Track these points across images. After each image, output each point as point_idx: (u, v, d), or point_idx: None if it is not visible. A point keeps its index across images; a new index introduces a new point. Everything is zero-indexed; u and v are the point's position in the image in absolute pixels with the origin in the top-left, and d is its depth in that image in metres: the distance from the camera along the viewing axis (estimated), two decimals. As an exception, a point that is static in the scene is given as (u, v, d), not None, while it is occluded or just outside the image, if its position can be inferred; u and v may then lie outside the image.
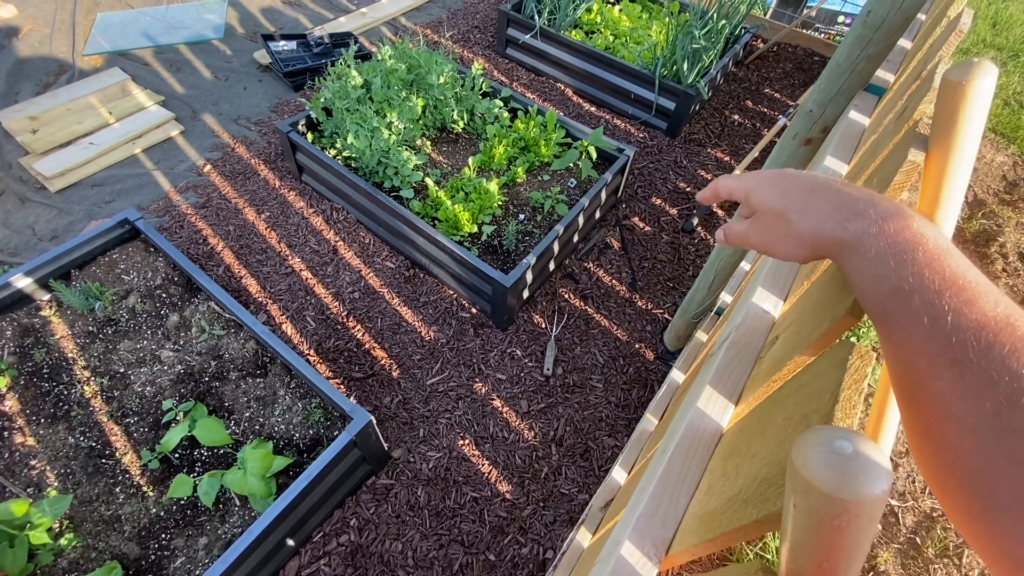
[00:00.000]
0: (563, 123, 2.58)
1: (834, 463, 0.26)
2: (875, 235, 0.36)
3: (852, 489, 0.26)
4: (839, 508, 0.26)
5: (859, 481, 0.26)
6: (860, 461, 0.26)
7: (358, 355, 2.09)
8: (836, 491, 0.26)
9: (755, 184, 0.48)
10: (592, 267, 2.45)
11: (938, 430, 0.30)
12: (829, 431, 0.28)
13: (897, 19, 1.06)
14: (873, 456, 0.26)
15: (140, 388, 1.74)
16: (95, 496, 1.53)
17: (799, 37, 3.65)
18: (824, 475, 0.26)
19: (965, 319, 0.30)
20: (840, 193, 0.41)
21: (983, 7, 4.67)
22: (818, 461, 0.27)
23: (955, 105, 0.55)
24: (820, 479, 0.26)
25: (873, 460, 0.26)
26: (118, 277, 2.00)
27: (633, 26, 3.31)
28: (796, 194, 0.43)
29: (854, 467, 0.26)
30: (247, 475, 1.45)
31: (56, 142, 2.68)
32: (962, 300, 0.30)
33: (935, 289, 0.31)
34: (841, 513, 0.26)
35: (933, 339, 0.30)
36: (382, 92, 2.41)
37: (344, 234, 2.46)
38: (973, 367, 0.28)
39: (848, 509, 0.26)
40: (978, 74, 0.53)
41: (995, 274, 2.65)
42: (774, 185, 0.46)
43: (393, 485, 1.79)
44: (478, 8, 3.91)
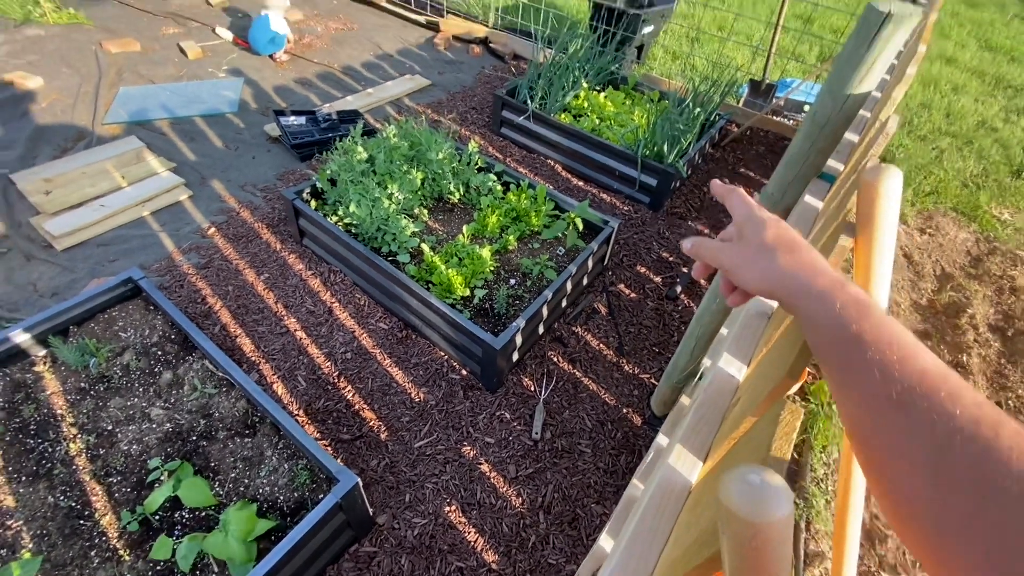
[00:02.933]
0: (552, 196, 2.75)
1: (746, 492, 0.33)
2: (839, 291, 0.42)
3: (760, 512, 0.32)
4: (752, 530, 0.32)
5: (765, 506, 0.32)
6: (766, 490, 0.33)
7: (347, 416, 2.10)
8: (749, 515, 0.32)
9: (761, 214, 0.54)
10: (580, 331, 2.53)
11: (891, 467, 0.34)
12: (744, 468, 0.34)
13: (840, 119, 1.22)
14: (776, 484, 0.33)
15: (126, 447, 1.73)
16: (69, 559, 1.49)
17: (770, 123, 3.98)
18: (739, 503, 0.33)
19: (910, 369, 0.35)
20: (816, 257, 0.48)
21: (937, 99, 5.13)
22: (735, 492, 0.33)
23: (871, 199, 0.66)
24: (736, 507, 0.33)
25: (776, 488, 0.32)
26: (116, 334, 2.04)
27: (617, 111, 3.60)
28: (787, 241, 0.49)
29: (761, 495, 0.32)
30: (228, 538, 1.42)
31: (68, 203, 2.80)
32: (907, 353, 0.36)
33: (886, 342, 0.37)
34: (755, 535, 0.33)
35: (884, 385, 0.35)
36: (385, 166, 2.59)
37: (340, 295, 2.53)
38: (918, 410, 0.33)
39: (760, 531, 0.32)
40: (886, 176, 0.64)
41: (967, 344, 2.75)
42: (775, 225, 0.52)
43: (376, 553, 1.75)
44: (475, 92, 4.24)
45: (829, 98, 1.20)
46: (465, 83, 4.35)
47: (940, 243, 3.44)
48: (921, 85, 5.31)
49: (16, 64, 3.83)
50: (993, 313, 2.99)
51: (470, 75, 4.48)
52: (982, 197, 3.81)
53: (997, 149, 4.43)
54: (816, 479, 2.07)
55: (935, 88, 5.31)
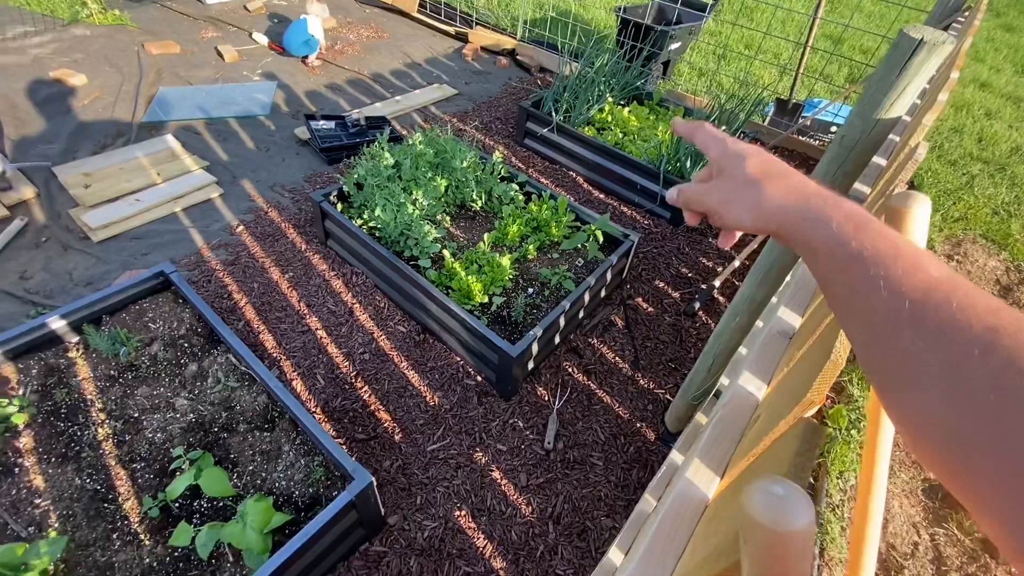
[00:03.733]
0: (573, 207, 2.77)
1: (770, 503, 0.34)
2: (834, 209, 0.40)
3: (783, 521, 0.33)
4: (775, 539, 0.34)
5: (788, 515, 0.33)
6: (789, 499, 0.34)
7: (363, 416, 2.14)
8: (772, 524, 0.34)
9: (737, 146, 0.49)
10: (596, 343, 2.53)
11: (907, 389, 0.32)
12: (768, 479, 0.36)
13: (868, 143, 1.22)
14: (798, 494, 0.34)
15: (151, 434, 1.78)
16: (92, 540, 1.54)
17: (795, 143, 3.96)
18: (762, 512, 0.34)
19: (917, 280, 0.33)
20: (805, 181, 0.45)
21: (969, 124, 5.04)
22: (758, 501, 0.35)
23: (898, 227, 0.67)
24: (759, 516, 0.34)
25: (798, 497, 0.34)
26: (145, 325, 2.11)
27: (641, 125, 3.62)
28: (774, 167, 0.46)
29: (784, 505, 0.34)
30: (246, 529, 1.46)
31: (105, 197, 2.91)
32: (911, 264, 0.34)
33: (890, 255, 0.35)
34: (777, 543, 0.34)
35: (891, 302, 0.33)
36: (410, 172, 2.64)
37: (361, 297, 2.58)
38: (928, 325, 0.31)
39: (782, 539, 0.34)
40: (915, 203, 0.65)
41: None
42: (756, 154, 0.48)
43: (386, 553, 1.77)
44: (500, 102, 4.30)
45: (859, 121, 1.21)
46: (491, 93, 4.42)
47: (968, 270, 3.37)
48: (953, 109, 5.23)
49: (62, 61, 4.00)
50: (1022, 344, 2.92)
51: (496, 86, 4.55)
52: (1014, 225, 3.73)
53: (1030, 177, 4.33)
54: (832, 505, 2.04)
55: (967, 112, 5.22)
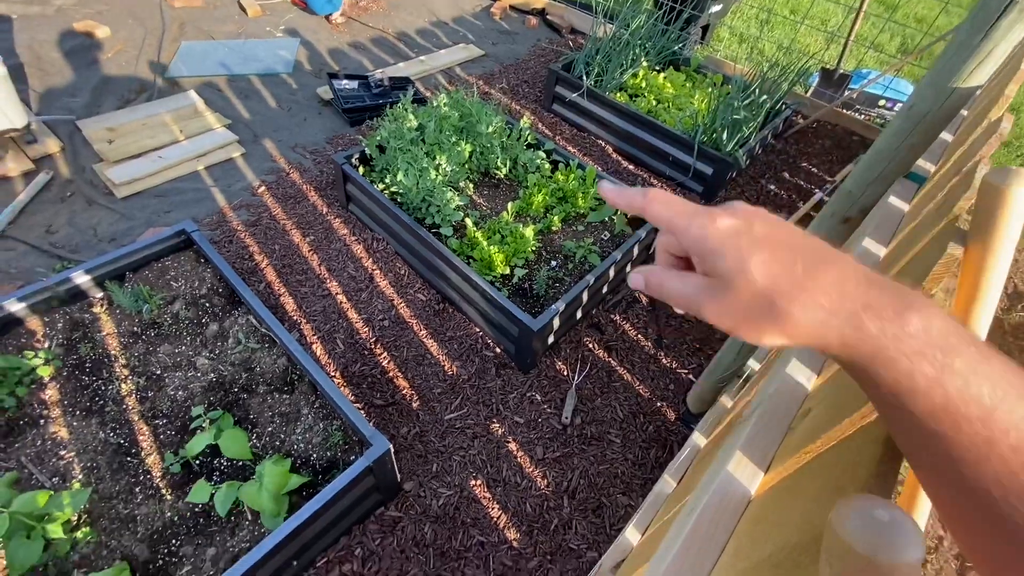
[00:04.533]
0: (601, 178, 2.67)
1: (872, 529, 0.29)
2: (902, 336, 0.28)
3: (888, 554, 0.28)
4: (875, 571, 0.28)
5: (895, 547, 0.28)
6: (897, 528, 0.28)
7: (381, 382, 2.13)
8: (873, 555, 0.28)
9: (718, 236, 0.32)
10: (619, 320, 2.47)
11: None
12: (868, 500, 0.30)
13: (939, 115, 1.11)
14: (909, 525, 0.28)
15: (173, 392, 1.80)
16: (115, 493, 1.57)
17: (840, 116, 3.74)
18: (863, 539, 0.29)
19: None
20: (834, 273, 0.30)
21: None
22: (857, 526, 0.29)
23: (995, 207, 0.58)
24: (859, 543, 0.29)
25: (909, 528, 0.28)
26: (167, 283, 2.11)
27: (676, 93, 3.45)
28: (789, 267, 0.30)
29: (892, 533, 0.28)
30: (262, 490, 1.47)
31: (128, 153, 2.89)
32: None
33: (988, 408, 0.25)
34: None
35: (1001, 463, 0.25)
36: (434, 135, 2.56)
37: (382, 263, 2.55)
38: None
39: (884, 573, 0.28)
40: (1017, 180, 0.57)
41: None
42: (749, 243, 0.31)
43: (401, 518, 1.78)
44: (528, 64, 4.13)
45: (931, 90, 1.09)
46: (519, 55, 4.25)
47: (1016, 259, 3.19)
48: (1011, 85, 4.89)
49: (86, 13, 3.95)
50: (1069, 339, 2.77)
51: (525, 47, 4.37)
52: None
53: (1092, 161, 4.05)
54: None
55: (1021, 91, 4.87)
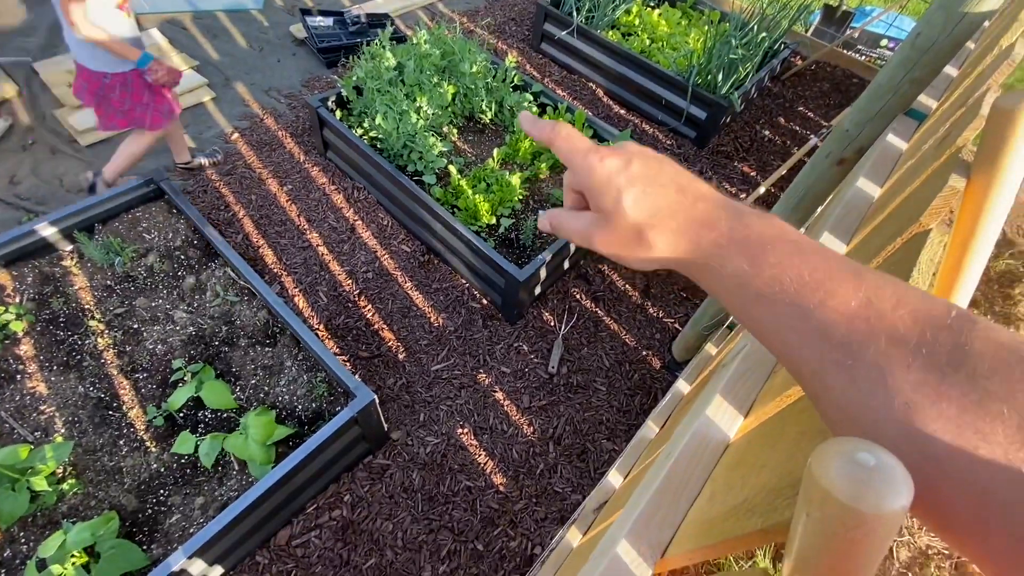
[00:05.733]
0: (591, 123, 2.56)
1: (855, 474, 0.26)
2: (726, 243, 0.32)
3: (872, 502, 0.25)
4: (857, 520, 0.26)
5: (880, 494, 0.25)
6: (883, 474, 0.25)
7: (366, 335, 2.11)
8: (855, 502, 0.25)
9: (603, 172, 0.37)
10: (607, 270, 2.44)
11: (840, 419, 0.29)
12: (852, 442, 0.27)
13: (946, 44, 1.04)
14: (896, 470, 0.25)
15: (152, 345, 1.77)
16: (99, 446, 1.56)
17: (839, 57, 3.59)
18: (844, 485, 0.26)
19: (832, 314, 0.28)
20: (699, 211, 0.34)
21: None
22: (839, 471, 0.26)
23: (1005, 132, 0.54)
24: (840, 489, 0.26)
25: (896, 474, 0.25)
26: (139, 235, 2.03)
27: (671, 32, 3.27)
28: (654, 201, 0.35)
29: (876, 479, 0.25)
30: (248, 440, 1.47)
31: (91, 97, 2.72)
32: (825, 293, 0.28)
33: (795, 289, 0.29)
34: (858, 525, 0.26)
35: (807, 344, 0.29)
36: (414, 76, 2.42)
37: (363, 214, 2.47)
38: (859, 368, 0.27)
39: (866, 522, 0.25)
40: (1030, 103, 0.52)
41: (1016, 316, 2.59)
42: (627, 181, 0.36)
43: (389, 466, 1.80)
44: (516, 1, 3.89)
45: (941, 15, 1.02)
46: (506, -9, 3.99)
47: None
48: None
49: (34, -59, 3.61)
50: (1052, 285, 2.79)
51: (512, -18, 4.10)
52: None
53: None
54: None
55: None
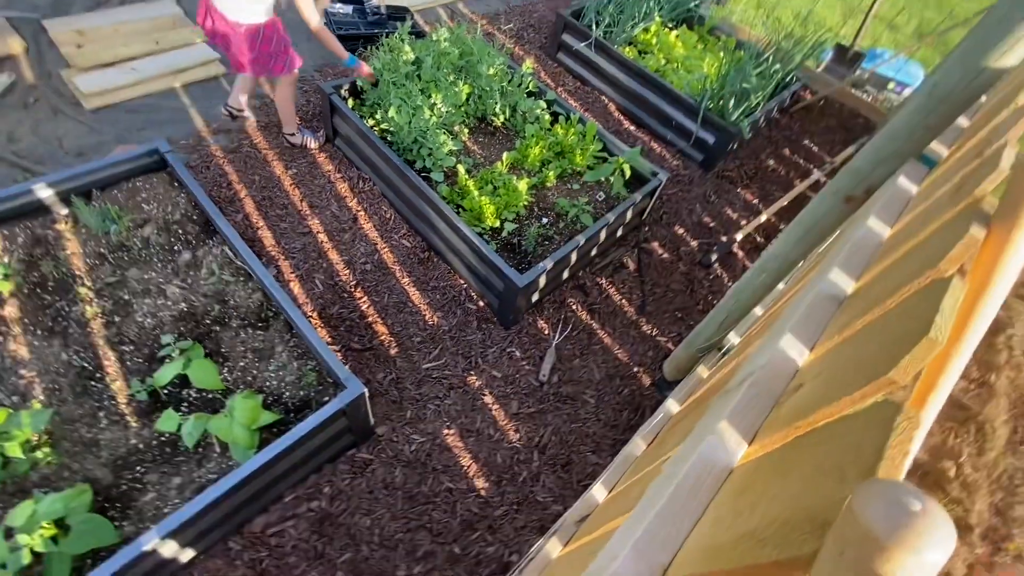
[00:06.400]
0: (602, 136, 2.58)
1: (898, 517, 0.26)
2: None
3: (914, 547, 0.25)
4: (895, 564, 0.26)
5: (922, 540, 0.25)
6: (927, 521, 0.26)
7: (360, 326, 2.09)
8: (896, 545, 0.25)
9: None
10: (604, 283, 2.45)
11: None
12: (897, 486, 0.27)
13: (963, 96, 1.06)
14: (940, 517, 0.26)
15: (141, 319, 1.73)
16: (78, 417, 1.52)
17: (847, 96, 3.65)
18: (886, 527, 0.26)
19: None
20: None
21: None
22: (881, 512, 0.26)
23: (1028, 187, 0.55)
24: (880, 531, 0.26)
25: (940, 521, 0.25)
26: (138, 205, 2.00)
27: (687, 54, 3.31)
28: None
29: (921, 526, 0.25)
30: (233, 423, 1.44)
31: (99, 61, 2.68)
32: None
33: None
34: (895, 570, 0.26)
35: None
36: (431, 72, 2.41)
37: (367, 205, 2.45)
38: None
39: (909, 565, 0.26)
40: (1059, 162, 0.53)
41: (998, 364, 2.64)
42: None
43: (372, 461, 1.78)
44: (536, 7, 3.91)
45: (959, 68, 1.04)
46: (526, -3, 4.01)
47: None
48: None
49: (54, -102, 3.55)
50: (1034, 337, 2.85)
51: (533, -11, 4.12)
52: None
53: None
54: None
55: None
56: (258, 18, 2.03)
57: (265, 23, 2.06)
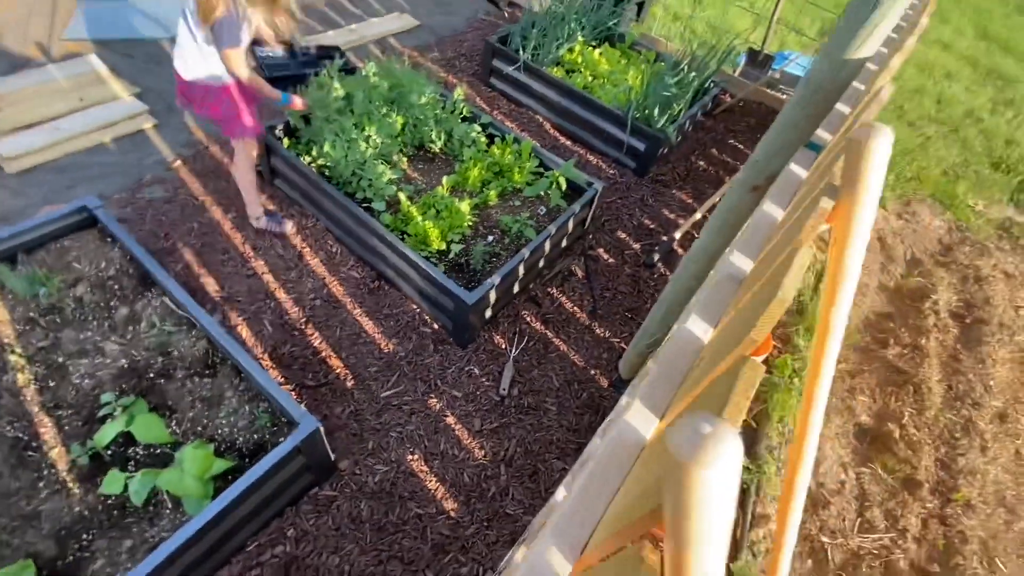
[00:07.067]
0: (537, 153, 2.67)
1: (693, 440, 0.31)
2: None
3: (706, 460, 0.30)
4: (696, 479, 0.30)
5: (712, 454, 0.30)
6: (715, 437, 0.30)
7: (313, 363, 2.07)
8: (692, 460, 0.30)
9: None
10: (555, 293, 2.51)
11: None
12: (695, 416, 0.32)
13: (834, 86, 1.18)
14: (727, 433, 0.30)
15: (78, 380, 1.67)
16: (15, 490, 1.45)
17: (764, 95, 3.91)
18: (684, 450, 0.31)
19: None
20: None
21: (930, 85, 5.11)
22: (680, 439, 0.31)
23: (858, 159, 0.63)
24: (681, 453, 0.31)
25: (727, 436, 0.30)
26: (68, 265, 1.94)
27: (612, 69, 3.49)
28: None
29: (710, 442, 0.30)
30: (184, 475, 1.40)
31: (20, 123, 2.61)
32: None
33: None
34: (697, 482, 0.31)
35: None
36: (363, 105, 2.46)
37: (311, 241, 2.45)
38: None
39: (702, 478, 0.30)
40: (877, 135, 0.61)
41: (927, 328, 2.84)
42: None
43: (336, 497, 1.76)
44: (466, 37, 4.04)
45: (826, 62, 1.16)
46: (456, 27, 4.14)
47: (914, 229, 3.49)
48: (916, 69, 5.27)
49: (-39, -36, 3.47)
50: (956, 300, 3.08)
51: (462, 19, 4.26)
52: (960, 187, 3.86)
53: (980, 140, 4.46)
54: (770, 447, 2.14)
55: (929, 74, 5.28)
56: (199, 75, 2.00)
57: (218, 86, 2.03)
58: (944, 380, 2.65)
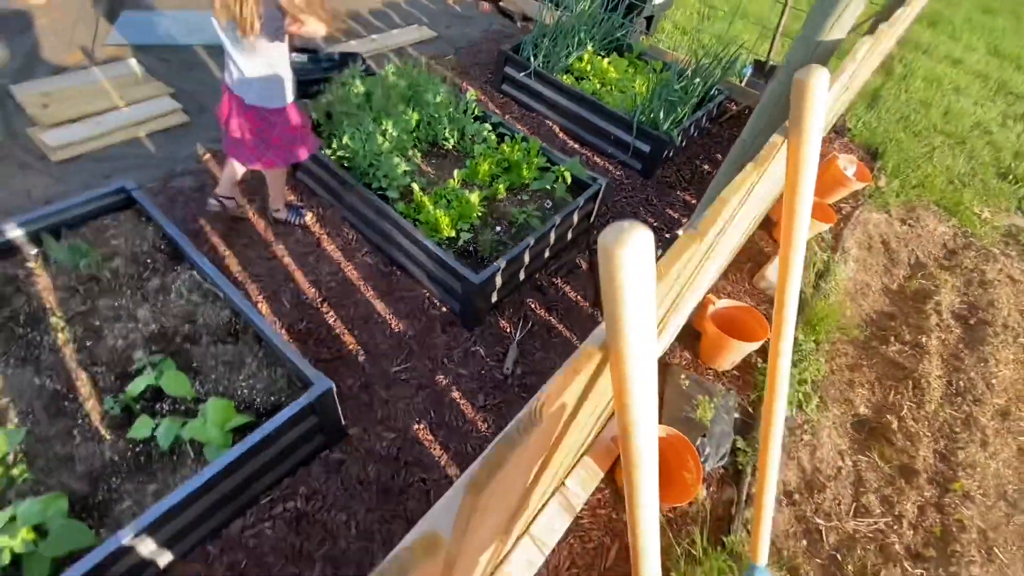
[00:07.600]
0: (544, 151, 2.80)
1: (619, 233, 0.41)
2: None
3: (620, 242, 0.40)
4: (612, 258, 0.41)
5: (624, 236, 0.40)
6: (631, 230, 0.41)
7: (328, 339, 2.19)
8: (613, 245, 0.40)
9: None
10: (560, 283, 2.61)
11: None
12: (622, 221, 0.42)
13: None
14: (638, 227, 0.41)
15: (113, 341, 1.81)
16: (53, 435, 1.57)
17: (769, 104, 4.02)
18: (610, 238, 0.41)
19: None
20: None
21: (938, 98, 5.16)
22: (609, 235, 0.42)
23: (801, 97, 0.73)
24: (605, 243, 0.41)
25: (638, 228, 0.41)
26: (107, 240, 2.10)
27: (619, 77, 3.63)
28: None
29: (626, 232, 0.41)
30: (207, 424, 1.52)
31: (64, 117, 2.82)
32: None
33: None
34: (613, 260, 0.41)
35: None
36: (381, 102, 2.62)
37: (329, 228, 2.59)
38: None
39: (616, 256, 0.40)
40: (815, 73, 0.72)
41: (929, 328, 2.87)
42: None
43: (345, 460, 1.85)
44: (481, 47, 4.23)
45: (802, 45, 1.26)
46: (472, 38, 4.34)
47: (919, 234, 3.53)
48: (925, 83, 5.34)
49: (18, -23, 3.77)
50: (959, 303, 3.11)
51: (477, 31, 4.47)
52: (966, 195, 3.90)
53: (989, 151, 4.50)
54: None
55: (937, 87, 5.34)
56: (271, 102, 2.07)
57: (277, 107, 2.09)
58: (945, 376, 2.67)
